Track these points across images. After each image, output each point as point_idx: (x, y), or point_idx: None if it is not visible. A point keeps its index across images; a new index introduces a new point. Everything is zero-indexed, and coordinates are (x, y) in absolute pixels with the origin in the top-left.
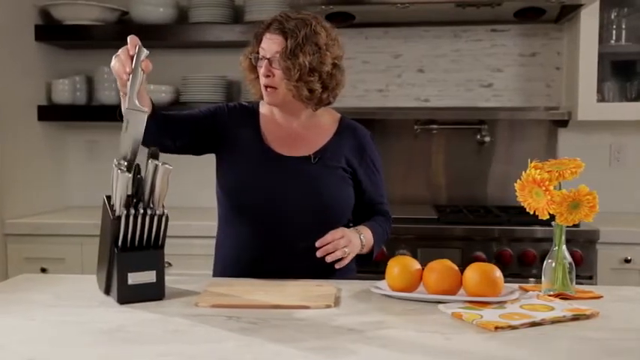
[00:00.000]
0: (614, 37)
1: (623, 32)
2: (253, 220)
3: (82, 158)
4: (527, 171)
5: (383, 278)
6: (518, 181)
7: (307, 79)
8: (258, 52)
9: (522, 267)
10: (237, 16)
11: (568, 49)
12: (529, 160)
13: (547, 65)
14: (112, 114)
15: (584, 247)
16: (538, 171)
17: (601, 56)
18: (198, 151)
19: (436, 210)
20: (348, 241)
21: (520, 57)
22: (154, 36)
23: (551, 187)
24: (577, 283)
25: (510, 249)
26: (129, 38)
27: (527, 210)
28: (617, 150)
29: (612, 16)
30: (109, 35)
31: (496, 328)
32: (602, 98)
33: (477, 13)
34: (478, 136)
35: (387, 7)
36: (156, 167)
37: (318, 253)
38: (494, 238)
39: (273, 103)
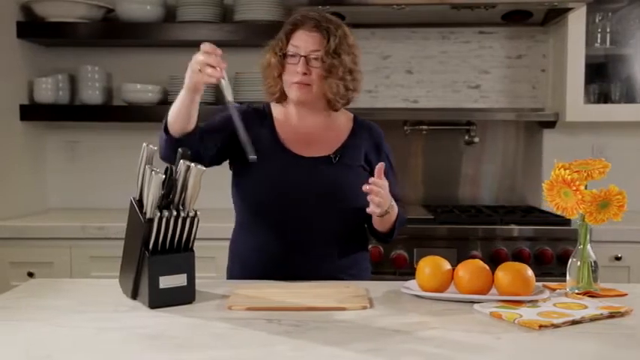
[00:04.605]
0: (598, 40)
1: (608, 35)
2: (274, 222)
3: (62, 159)
4: (556, 171)
5: (396, 278)
6: (546, 181)
7: (346, 77)
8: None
9: None
10: (225, 15)
11: (554, 51)
12: (555, 161)
13: (532, 67)
14: (94, 114)
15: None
16: (567, 171)
17: (586, 58)
18: (221, 161)
19: (426, 210)
20: (385, 195)
21: (507, 59)
22: (140, 34)
23: (582, 187)
24: None
25: (505, 248)
26: (207, 46)
27: (555, 210)
28: (599, 151)
29: (597, 20)
30: (93, 33)
31: (540, 326)
32: (587, 100)
33: (465, 15)
34: (466, 137)
35: (382, 9)
36: (188, 168)
37: (369, 189)
38: (489, 237)
39: (304, 99)
